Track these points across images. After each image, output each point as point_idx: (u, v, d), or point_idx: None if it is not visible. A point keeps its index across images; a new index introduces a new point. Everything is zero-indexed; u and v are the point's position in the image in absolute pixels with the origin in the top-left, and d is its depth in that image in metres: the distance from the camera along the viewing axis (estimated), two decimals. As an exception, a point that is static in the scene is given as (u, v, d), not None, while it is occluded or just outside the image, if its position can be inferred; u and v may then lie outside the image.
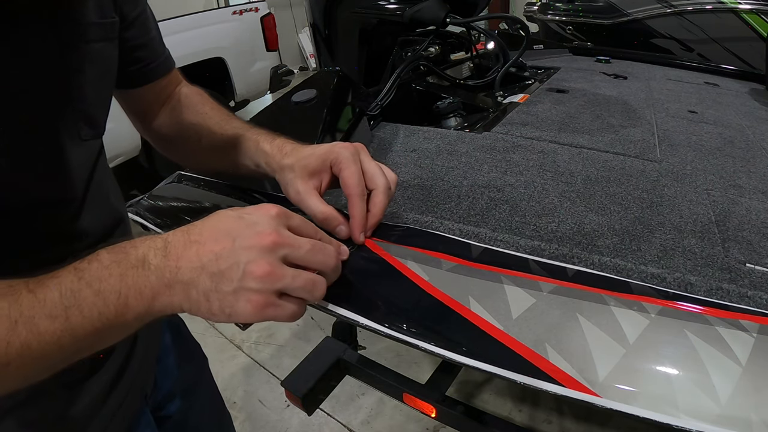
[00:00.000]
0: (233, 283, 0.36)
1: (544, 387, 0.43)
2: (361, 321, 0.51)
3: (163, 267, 0.37)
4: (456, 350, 0.47)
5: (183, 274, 0.37)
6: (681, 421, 0.40)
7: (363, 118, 1.01)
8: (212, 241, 0.37)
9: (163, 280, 0.37)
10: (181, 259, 0.37)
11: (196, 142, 0.65)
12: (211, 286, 0.36)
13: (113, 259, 0.36)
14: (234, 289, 0.36)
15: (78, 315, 0.35)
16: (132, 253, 0.37)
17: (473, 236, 0.64)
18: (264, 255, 0.37)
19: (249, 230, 0.37)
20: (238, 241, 0.37)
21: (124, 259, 0.36)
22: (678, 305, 0.50)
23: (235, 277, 0.36)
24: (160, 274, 0.37)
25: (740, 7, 1.81)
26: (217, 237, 0.37)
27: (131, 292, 0.36)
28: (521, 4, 3.52)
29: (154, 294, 0.37)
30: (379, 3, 1.28)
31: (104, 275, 0.36)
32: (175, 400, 0.72)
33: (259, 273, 0.36)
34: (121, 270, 0.36)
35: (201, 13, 3.38)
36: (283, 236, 0.39)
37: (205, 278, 0.36)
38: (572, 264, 0.58)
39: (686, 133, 1.10)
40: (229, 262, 0.36)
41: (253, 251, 0.37)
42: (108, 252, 0.37)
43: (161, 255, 0.37)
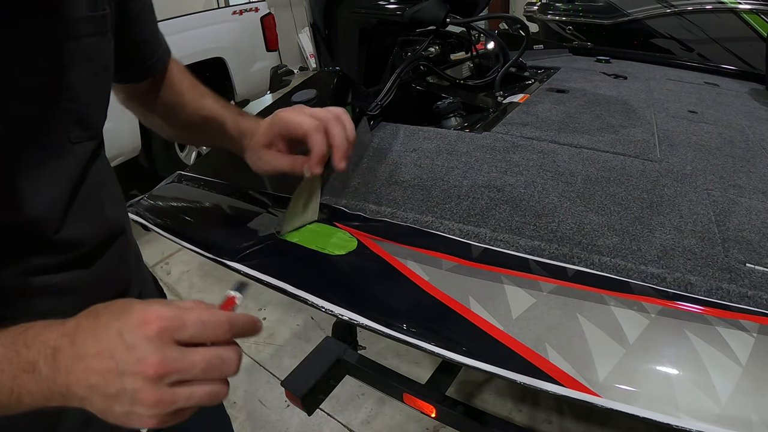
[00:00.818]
0: (125, 407, 0.35)
1: (544, 387, 0.43)
2: (361, 321, 0.51)
3: (54, 379, 0.35)
4: (456, 350, 0.47)
5: (75, 389, 0.35)
6: (681, 421, 0.40)
7: (363, 118, 1.01)
8: (97, 360, 0.35)
9: (56, 389, 0.36)
10: (70, 374, 0.35)
11: (172, 117, 0.66)
12: (104, 406, 0.36)
13: (5, 356, 0.35)
14: (126, 412, 0.35)
15: None
16: (23, 353, 0.35)
17: (473, 236, 0.64)
18: (149, 385, 0.34)
19: (129, 355, 0.34)
20: (121, 365, 0.34)
21: (15, 358, 0.35)
22: (678, 305, 0.50)
23: (126, 402, 0.35)
24: (52, 385, 0.36)
25: (740, 7, 1.81)
26: (100, 356, 0.35)
27: (23, 392, 0.35)
28: (521, 4, 3.52)
29: (47, 399, 0.36)
30: (379, 3, 1.28)
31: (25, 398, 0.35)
32: None
33: (148, 402, 0.35)
34: (12, 370, 0.35)
35: (201, 13, 3.37)
36: (168, 362, 0.35)
37: (97, 398, 0.35)
38: (572, 264, 0.58)
39: (686, 133, 1.10)
40: (116, 387, 0.35)
41: (138, 379, 0.34)
42: (1, 344, 0.36)
43: (50, 364, 0.35)
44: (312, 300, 0.54)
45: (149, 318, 0.35)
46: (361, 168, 0.89)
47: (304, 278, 0.57)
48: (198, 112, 0.65)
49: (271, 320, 2.23)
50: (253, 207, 0.74)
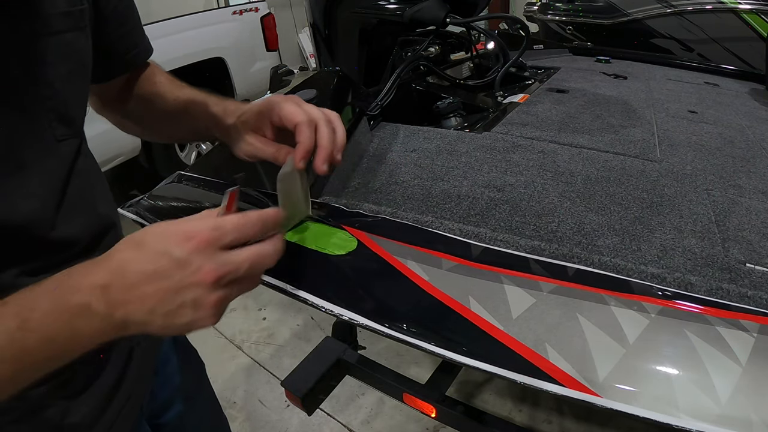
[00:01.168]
0: (187, 317, 0.37)
1: (544, 387, 0.43)
2: (361, 321, 0.51)
3: (111, 314, 0.36)
4: (456, 350, 0.47)
5: (133, 317, 0.37)
6: (681, 421, 0.40)
7: (363, 118, 1.01)
8: (151, 284, 0.37)
9: (114, 324, 0.37)
10: (127, 304, 0.36)
11: (150, 110, 0.64)
12: (166, 323, 0.37)
13: (55, 307, 0.36)
14: (189, 321, 0.38)
15: (29, 359, 0.35)
16: (73, 300, 0.36)
17: (473, 236, 0.64)
18: (209, 291, 0.37)
19: (184, 270, 0.37)
20: (177, 282, 0.37)
21: (66, 307, 0.36)
22: (678, 305, 0.50)
23: (188, 312, 0.37)
24: (109, 320, 0.37)
25: (740, 7, 1.81)
26: (153, 280, 0.37)
27: (83, 335, 0.37)
28: (521, 4, 3.52)
29: (105, 334, 0.37)
30: (379, 3, 1.28)
31: (50, 323, 0.35)
32: (174, 407, 0.71)
33: (210, 305, 0.37)
34: (67, 318, 0.36)
35: (201, 13, 3.37)
36: (221, 267, 0.38)
37: (158, 318, 0.37)
38: (572, 264, 0.58)
39: (686, 133, 1.10)
40: (176, 303, 0.37)
41: (198, 289, 0.37)
42: (47, 296, 0.36)
43: (104, 302, 0.36)
44: (312, 300, 0.54)
45: (191, 234, 0.38)
46: (361, 168, 0.89)
47: (304, 278, 0.57)
48: (178, 98, 0.63)
49: (271, 320, 2.22)
50: (252, 207, 0.74)
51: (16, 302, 0.36)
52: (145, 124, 0.67)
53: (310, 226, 0.65)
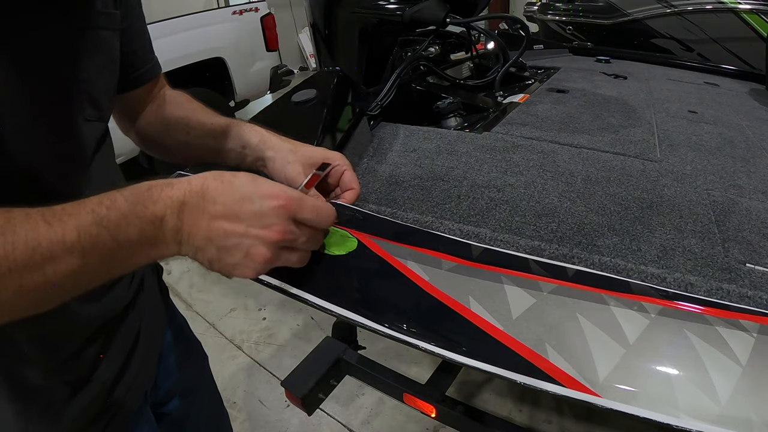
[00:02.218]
0: (235, 258, 0.42)
1: (544, 387, 0.43)
2: (361, 321, 0.51)
3: (178, 230, 0.41)
4: (456, 350, 0.47)
5: (194, 240, 0.41)
6: (681, 421, 0.40)
7: (363, 118, 1.01)
8: (224, 219, 0.41)
9: (177, 238, 0.41)
10: (194, 226, 0.41)
11: (184, 134, 0.67)
12: (216, 256, 0.42)
13: (132, 211, 0.39)
14: (235, 263, 0.42)
15: (96, 256, 0.37)
16: (150, 208, 0.40)
17: (473, 236, 0.64)
18: (266, 246, 0.42)
19: (257, 220, 0.41)
20: (246, 228, 0.41)
21: (143, 212, 0.39)
22: (678, 305, 0.50)
23: (239, 255, 0.42)
24: (175, 235, 0.41)
25: (740, 7, 1.81)
26: (228, 216, 0.41)
27: (147, 243, 0.40)
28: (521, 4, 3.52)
29: (167, 247, 0.41)
30: (379, 3, 1.28)
31: (123, 225, 0.38)
32: (175, 399, 0.72)
33: (260, 259, 0.42)
34: (140, 224, 0.39)
35: (201, 13, 3.37)
36: (288, 233, 0.43)
37: (212, 249, 0.42)
38: (572, 264, 0.58)
39: (686, 133, 1.10)
40: (234, 242, 0.41)
41: (259, 241, 0.42)
42: (126, 200, 0.39)
43: (176, 217, 0.40)
44: (312, 300, 0.54)
45: (278, 194, 0.43)
46: (361, 168, 0.89)
47: (304, 278, 0.56)
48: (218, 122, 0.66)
49: (271, 320, 2.23)
50: None
51: (94, 200, 0.38)
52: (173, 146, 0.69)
53: None
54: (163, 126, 0.67)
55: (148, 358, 0.63)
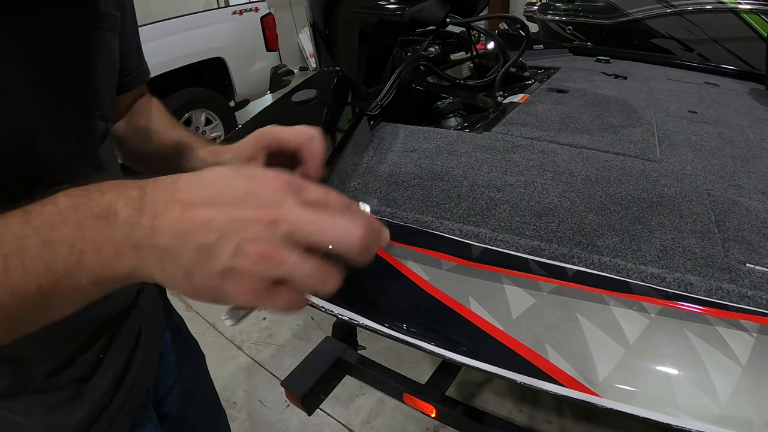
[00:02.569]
0: (221, 261, 0.29)
1: (544, 387, 0.43)
2: (361, 321, 0.51)
3: (134, 223, 0.30)
4: (456, 350, 0.47)
5: (159, 238, 0.30)
6: (681, 421, 0.40)
7: (363, 118, 1.01)
8: (202, 204, 0.30)
9: (131, 240, 0.30)
10: (159, 218, 0.30)
11: (145, 144, 0.67)
12: (194, 261, 0.29)
13: (71, 204, 0.30)
14: (222, 269, 0.29)
15: (19, 267, 0.29)
16: (96, 199, 0.30)
17: (473, 236, 0.64)
18: (264, 233, 0.29)
19: (249, 201, 0.30)
20: (235, 210, 0.30)
21: (85, 204, 0.30)
22: (678, 305, 0.50)
23: (225, 254, 0.29)
24: (128, 232, 0.30)
25: (740, 7, 1.81)
26: (209, 201, 0.30)
27: (87, 248, 0.30)
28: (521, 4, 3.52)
29: (117, 254, 0.30)
30: (379, 3, 1.28)
31: (57, 222, 0.30)
32: (174, 398, 0.72)
33: (255, 254, 0.29)
34: (78, 218, 0.30)
35: (201, 13, 3.38)
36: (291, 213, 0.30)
37: (187, 250, 0.29)
38: (572, 264, 0.58)
39: (686, 133, 1.10)
40: (219, 234, 0.29)
41: (252, 227, 0.29)
42: (67, 195, 0.31)
43: (132, 208, 0.30)
44: (312, 300, 0.54)
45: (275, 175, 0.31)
46: (361, 168, 0.89)
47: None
48: (170, 138, 0.65)
49: (271, 320, 2.22)
50: None
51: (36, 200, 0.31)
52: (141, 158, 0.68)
53: None
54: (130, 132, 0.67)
55: (149, 356, 0.63)
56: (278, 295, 0.31)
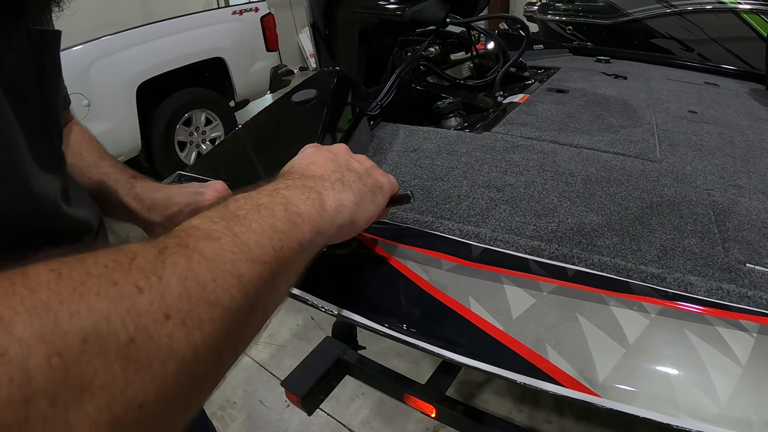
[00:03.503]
0: (377, 201, 0.46)
1: (544, 387, 0.43)
2: (361, 321, 0.51)
3: (319, 213, 0.39)
4: (456, 350, 0.47)
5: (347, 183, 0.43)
6: (681, 421, 0.40)
7: (363, 118, 1.01)
8: (323, 164, 0.45)
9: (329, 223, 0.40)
10: (328, 200, 0.41)
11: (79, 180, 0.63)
12: (354, 177, 0.45)
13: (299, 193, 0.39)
14: (376, 207, 0.46)
15: (286, 247, 0.35)
16: (306, 183, 0.41)
17: (473, 236, 0.64)
18: (378, 172, 0.48)
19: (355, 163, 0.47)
20: (346, 162, 0.46)
21: (303, 190, 0.40)
22: (678, 305, 0.50)
23: (378, 196, 0.46)
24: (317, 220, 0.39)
25: (740, 7, 1.81)
26: (325, 164, 0.44)
27: (326, 230, 0.40)
28: (521, 4, 3.52)
29: (321, 232, 0.40)
30: (379, 3, 1.28)
31: (299, 231, 0.37)
32: None
33: (382, 178, 0.48)
34: (288, 216, 0.36)
35: (201, 13, 3.38)
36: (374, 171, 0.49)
37: (352, 176, 0.44)
38: (572, 264, 0.58)
39: (686, 133, 1.10)
40: (372, 180, 0.46)
41: (382, 181, 0.47)
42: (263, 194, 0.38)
43: (311, 206, 0.39)
44: (312, 300, 0.54)
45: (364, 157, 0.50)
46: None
47: (304, 278, 0.56)
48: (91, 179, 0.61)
49: (271, 320, 2.23)
50: None
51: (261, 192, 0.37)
52: None
53: None
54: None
55: None
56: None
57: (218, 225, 0.30)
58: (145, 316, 0.22)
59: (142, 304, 0.22)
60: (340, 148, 0.48)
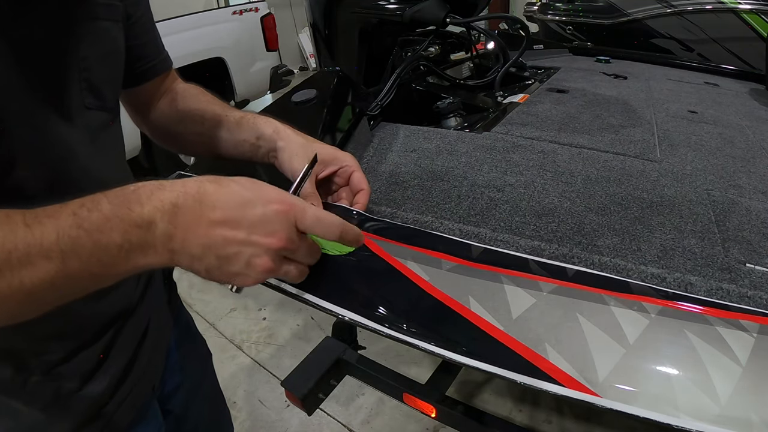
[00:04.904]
0: (236, 267, 0.40)
1: (544, 387, 0.43)
2: (361, 321, 0.51)
3: (170, 235, 0.37)
4: (456, 350, 0.47)
5: (190, 248, 0.38)
6: (681, 421, 0.40)
7: (363, 118, 1.01)
8: (224, 225, 0.38)
9: (169, 246, 0.38)
10: (189, 231, 0.38)
11: (198, 125, 0.67)
12: (216, 264, 0.39)
13: (115, 213, 0.36)
14: (235, 272, 0.40)
15: (75, 261, 0.35)
16: (136, 210, 0.37)
17: (473, 236, 0.64)
18: (269, 255, 0.40)
19: (261, 227, 0.39)
20: (248, 234, 0.39)
21: (128, 216, 0.36)
22: (678, 305, 0.50)
23: (240, 264, 0.40)
24: (166, 241, 0.38)
25: (740, 7, 1.81)
26: (229, 222, 0.38)
27: (134, 249, 0.37)
28: (521, 4, 3.52)
29: (157, 254, 0.38)
30: (379, 3, 1.28)
31: (105, 228, 0.36)
32: (179, 395, 0.73)
33: (261, 268, 0.40)
34: (124, 227, 0.36)
35: (201, 13, 3.38)
36: (291, 240, 0.41)
37: (210, 257, 0.39)
38: (572, 264, 0.58)
39: (686, 133, 1.10)
40: (235, 250, 0.39)
41: (261, 249, 0.39)
42: (109, 201, 0.37)
43: (169, 220, 0.37)
44: (312, 300, 0.54)
45: (281, 198, 0.41)
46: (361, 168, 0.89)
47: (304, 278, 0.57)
48: (233, 113, 0.66)
49: (271, 320, 2.22)
50: None
51: (77, 203, 0.36)
52: (188, 137, 0.69)
53: None
54: (178, 118, 0.68)
55: (155, 354, 0.63)
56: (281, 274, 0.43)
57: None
58: None
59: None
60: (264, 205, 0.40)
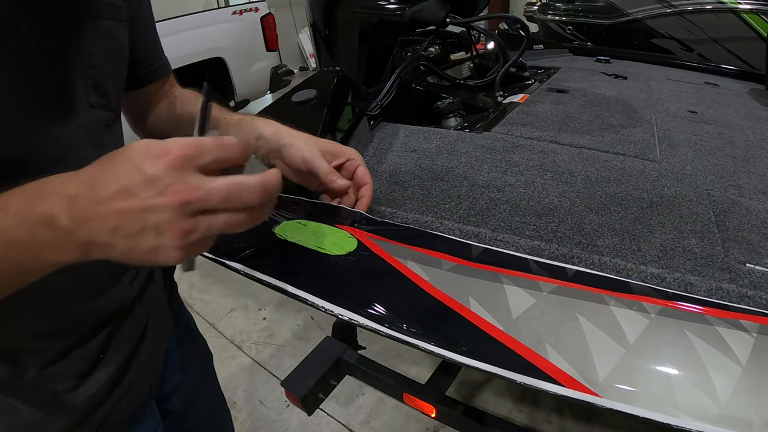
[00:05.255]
0: (150, 242, 0.35)
1: (544, 387, 0.43)
2: (361, 321, 0.51)
3: (74, 228, 0.34)
4: (456, 350, 0.47)
5: (96, 237, 0.35)
6: (681, 421, 0.40)
7: (363, 118, 1.01)
8: (117, 200, 0.34)
9: (76, 240, 0.35)
10: (91, 220, 0.34)
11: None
12: (129, 246, 0.35)
13: (21, 209, 0.34)
14: (152, 248, 0.35)
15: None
16: (39, 206, 0.34)
17: (473, 236, 0.64)
18: (173, 215, 0.34)
19: (151, 187, 0.34)
20: (143, 200, 0.34)
21: (30, 212, 0.34)
22: (678, 305, 0.50)
23: (150, 237, 0.35)
24: (71, 235, 0.35)
25: (740, 7, 1.81)
26: (120, 195, 0.34)
27: (43, 247, 0.35)
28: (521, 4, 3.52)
29: (67, 251, 0.35)
30: (379, 3, 1.28)
31: (11, 226, 0.34)
32: (179, 395, 0.73)
33: (173, 233, 0.35)
34: (30, 224, 0.34)
35: (201, 13, 3.38)
36: (191, 189, 0.34)
37: (121, 240, 0.35)
38: (572, 264, 0.58)
39: (686, 133, 1.10)
40: (140, 224, 0.34)
41: (161, 211, 0.34)
42: (16, 197, 0.35)
43: (69, 214, 0.34)
44: (312, 300, 0.54)
45: (169, 148, 0.35)
46: None
47: (304, 278, 0.57)
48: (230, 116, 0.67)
49: (271, 320, 2.23)
50: None
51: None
52: None
53: (310, 225, 0.65)
54: (176, 122, 0.68)
55: (154, 353, 0.63)
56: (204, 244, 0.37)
57: None
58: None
59: None
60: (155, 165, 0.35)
